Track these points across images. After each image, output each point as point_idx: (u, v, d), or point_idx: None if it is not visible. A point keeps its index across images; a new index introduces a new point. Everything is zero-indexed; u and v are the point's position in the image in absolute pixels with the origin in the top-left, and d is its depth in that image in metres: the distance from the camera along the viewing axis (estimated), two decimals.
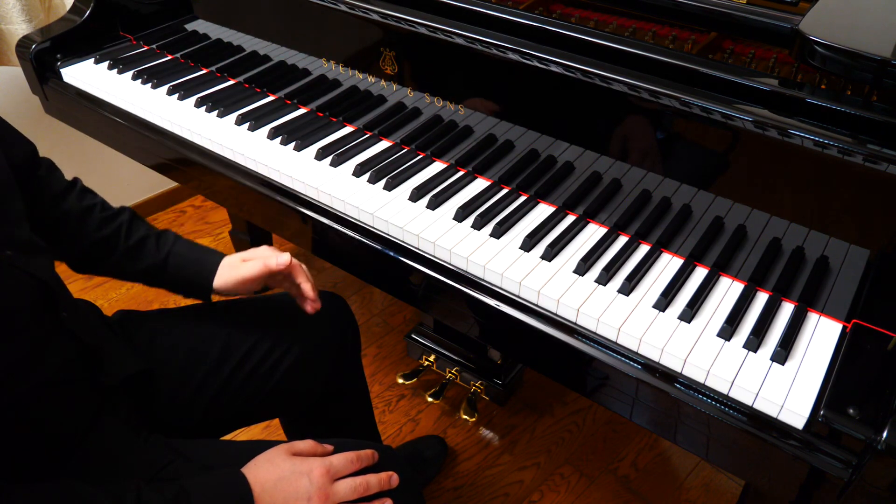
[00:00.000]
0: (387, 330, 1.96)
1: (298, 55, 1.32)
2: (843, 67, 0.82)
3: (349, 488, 0.85)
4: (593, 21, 1.07)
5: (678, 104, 0.91)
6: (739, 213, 0.95)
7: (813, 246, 0.92)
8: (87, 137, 1.59)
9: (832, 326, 0.90)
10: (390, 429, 1.70)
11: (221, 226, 2.36)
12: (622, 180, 1.04)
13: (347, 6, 1.17)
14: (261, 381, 1.06)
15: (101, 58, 1.53)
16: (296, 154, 1.23)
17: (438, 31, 1.08)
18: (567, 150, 1.07)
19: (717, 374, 0.84)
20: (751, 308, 0.93)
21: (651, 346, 0.88)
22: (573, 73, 0.98)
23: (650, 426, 0.93)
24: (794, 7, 0.93)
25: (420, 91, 1.18)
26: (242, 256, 1.05)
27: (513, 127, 1.11)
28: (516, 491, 1.57)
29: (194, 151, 1.31)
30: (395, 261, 1.07)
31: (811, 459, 0.77)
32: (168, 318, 1.08)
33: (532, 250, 1.02)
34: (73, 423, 0.87)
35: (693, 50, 0.98)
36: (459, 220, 1.07)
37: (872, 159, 0.80)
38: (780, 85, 0.87)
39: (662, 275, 0.98)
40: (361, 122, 1.29)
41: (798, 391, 0.81)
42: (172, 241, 1.05)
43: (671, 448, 1.66)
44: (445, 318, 1.10)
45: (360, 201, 1.11)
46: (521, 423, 1.71)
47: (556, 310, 0.94)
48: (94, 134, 1.55)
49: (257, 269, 1.03)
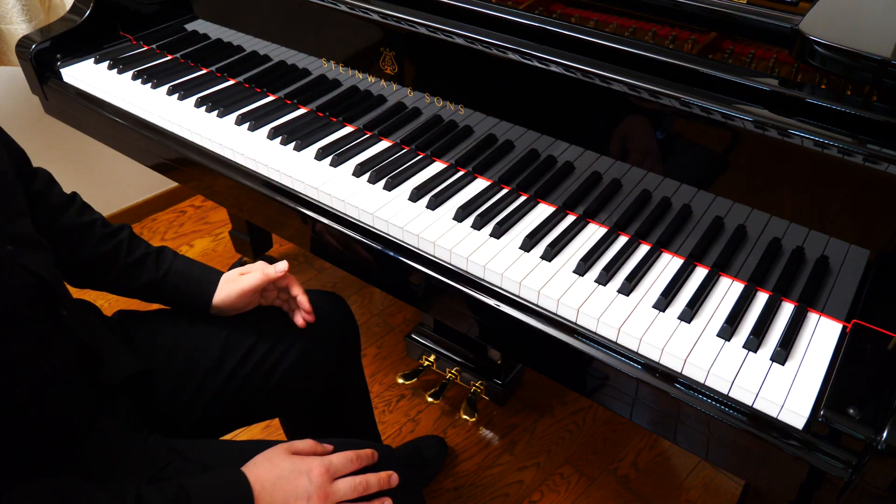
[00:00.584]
0: (387, 330, 1.96)
1: (298, 55, 1.32)
2: (843, 67, 0.82)
3: (349, 487, 0.85)
4: (593, 21, 1.07)
5: (678, 104, 0.91)
6: (739, 213, 0.95)
7: (813, 246, 0.92)
8: (86, 137, 1.59)
9: (832, 326, 0.90)
10: (390, 429, 1.70)
11: (221, 226, 2.36)
12: (622, 180, 1.04)
13: (347, 6, 1.17)
14: (261, 382, 1.06)
15: (101, 58, 1.53)
16: (296, 154, 1.23)
17: (438, 31, 1.08)
18: (567, 150, 1.07)
19: (717, 374, 0.84)
20: (751, 308, 0.93)
21: (651, 346, 0.88)
22: (573, 73, 0.98)
23: (650, 426, 0.93)
24: (794, 7, 0.93)
25: (420, 91, 1.18)
26: (240, 271, 1.07)
27: (513, 127, 1.10)
28: (516, 491, 1.57)
29: (194, 151, 1.31)
30: (395, 261, 1.07)
31: (811, 459, 0.77)
32: (168, 318, 1.08)
33: (532, 250, 1.02)
34: (72, 422, 0.87)
35: (693, 50, 0.98)
36: (459, 220, 1.07)
37: (872, 159, 0.80)
38: (780, 85, 0.87)
39: (662, 275, 0.98)
40: (361, 122, 1.29)
41: (798, 391, 0.81)
42: (171, 259, 1.06)
43: (671, 448, 1.66)
44: (445, 318, 1.10)
45: (359, 201, 1.11)
46: (521, 423, 1.71)
47: (556, 310, 0.94)
48: (94, 134, 1.55)
49: (256, 279, 1.04)
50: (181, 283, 1.05)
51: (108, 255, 1.03)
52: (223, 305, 1.05)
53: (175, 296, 1.06)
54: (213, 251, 2.26)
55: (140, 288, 1.05)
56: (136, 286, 1.05)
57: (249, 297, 1.06)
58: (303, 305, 1.08)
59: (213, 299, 1.05)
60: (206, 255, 2.23)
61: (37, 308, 0.83)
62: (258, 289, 1.05)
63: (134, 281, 1.04)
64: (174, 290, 1.05)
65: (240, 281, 1.05)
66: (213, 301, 1.05)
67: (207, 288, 1.05)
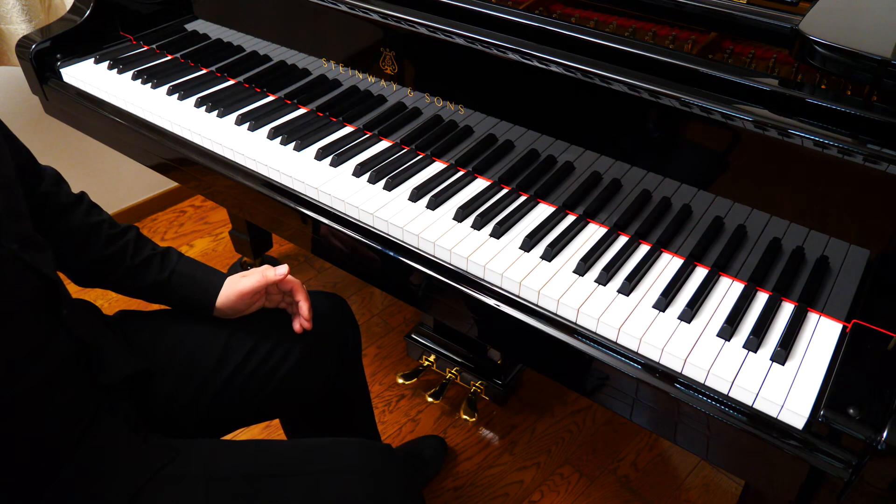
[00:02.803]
0: (387, 330, 1.96)
1: (298, 55, 1.32)
2: (843, 67, 0.82)
3: None
4: (593, 21, 1.07)
5: (678, 104, 0.91)
6: (739, 213, 0.95)
7: (813, 246, 0.92)
8: (86, 137, 1.59)
9: (832, 326, 0.90)
10: (390, 429, 1.70)
11: (221, 226, 2.36)
12: (622, 180, 1.04)
13: (347, 6, 1.17)
14: (261, 382, 1.06)
15: (101, 58, 1.53)
16: (296, 154, 1.23)
17: (438, 31, 1.08)
18: (567, 150, 1.07)
19: (717, 374, 0.84)
20: (751, 308, 0.93)
21: (651, 346, 0.88)
22: (573, 73, 0.98)
23: (650, 426, 0.93)
24: (794, 7, 0.93)
25: (420, 91, 1.18)
26: (241, 274, 1.07)
27: (513, 127, 1.10)
28: (516, 491, 1.56)
29: (194, 151, 1.31)
30: (395, 261, 1.07)
31: (811, 459, 0.77)
32: (169, 318, 1.08)
33: (532, 250, 1.02)
34: (71, 421, 0.87)
35: (693, 50, 0.98)
36: (459, 220, 1.07)
37: (872, 159, 0.80)
38: (780, 85, 0.87)
39: (662, 275, 0.98)
40: (361, 122, 1.29)
41: (798, 391, 0.81)
42: (176, 260, 1.07)
43: (671, 448, 1.65)
44: (445, 318, 1.10)
45: (359, 201, 1.11)
46: (521, 423, 1.71)
47: (556, 310, 0.94)
48: (94, 134, 1.55)
49: (255, 281, 1.05)
50: (185, 284, 1.05)
51: (114, 256, 1.03)
52: (224, 308, 1.05)
53: (178, 298, 1.06)
54: (213, 251, 2.26)
55: (144, 289, 1.05)
56: (140, 287, 1.05)
57: (249, 300, 1.06)
58: (302, 313, 1.08)
59: (216, 302, 1.05)
60: (206, 255, 2.23)
61: (38, 307, 0.83)
62: (256, 291, 1.05)
63: (138, 282, 1.05)
64: (178, 291, 1.05)
65: (239, 283, 1.05)
66: (217, 303, 1.05)
67: (211, 290, 1.05)
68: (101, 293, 2.00)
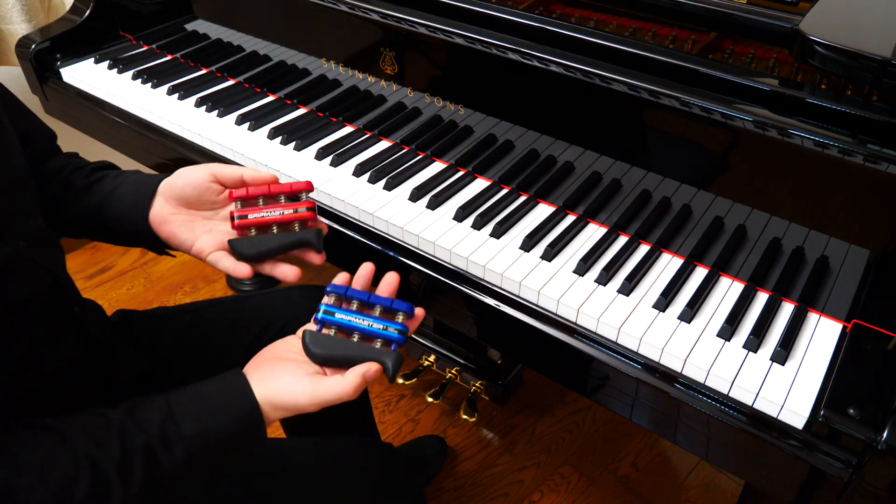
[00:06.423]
0: None
1: (298, 55, 1.32)
2: (843, 67, 0.82)
3: None
4: (593, 21, 1.07)
5: (678, 104, 0.91)
6: (739, 213, 0.95)
7: (813, 246, 0.92)
8: (87, 137, 1.59)
9: (832, 326, 0.90)
10: (390, 429, 1.70)
11: None
12: (622, 180, 1.04)
13: (347, 6, 1.17)
14: None
15: (101, 58, 1.53)
16: (296, 154, 1.23)
17: (438, 31, 1.08)
18: (567, 150, 1.07)
19: (717, 374, 0.84)
20: (751, 308, 0.93)
21: (651, 346, 0.88)
22: (573, 73, 0.98)
23: (650, 426, 0.93)
24: (794, 7, 0.93)
25: (420, 91, 1.18)
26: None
27: (513, 127, 1.11)
28: (516, 491, 1.57)
29: (194, 151, 1.31)
30: (395, 261, 1.07)
31: (811, 459, 0.77)
32: (168, 317, 1.08)
33: (532, 250, 1.02)
34: None
35: (693, 50, 0.98)
36: (459, 220, 1.07)
37: (872, 159, 0.80)
38: (780, 85, 0.87)
39: (662, 275, 0.98)
40: (361, 122, 1.29)
41: (798, 391, 0.81)
42: (130, 174, 0.97)
43: (671, 448, 1.66)
44: (445, 317, 1.10)
45: (359, 201, 1.11)
46: (521, 423, 1.71)
47: (556, 310, 0.94)
48: (94, 134, 1.55)
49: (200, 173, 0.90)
50: (124, 193, 0.94)
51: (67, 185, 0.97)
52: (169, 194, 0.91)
53: (117, 214, 0.94)
54: None
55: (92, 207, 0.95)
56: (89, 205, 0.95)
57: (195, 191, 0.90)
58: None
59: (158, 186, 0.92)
60: None
61: (48, 304, 0.83)
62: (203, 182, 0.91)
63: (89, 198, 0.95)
64: (118, 203, 0.94)
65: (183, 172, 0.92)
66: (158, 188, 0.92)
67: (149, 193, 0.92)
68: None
